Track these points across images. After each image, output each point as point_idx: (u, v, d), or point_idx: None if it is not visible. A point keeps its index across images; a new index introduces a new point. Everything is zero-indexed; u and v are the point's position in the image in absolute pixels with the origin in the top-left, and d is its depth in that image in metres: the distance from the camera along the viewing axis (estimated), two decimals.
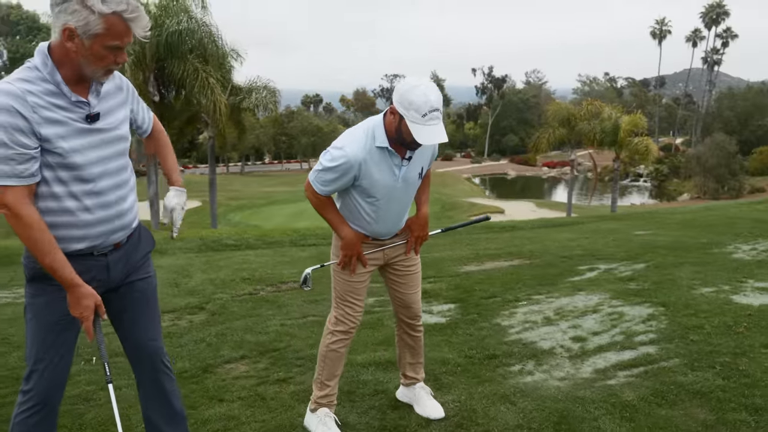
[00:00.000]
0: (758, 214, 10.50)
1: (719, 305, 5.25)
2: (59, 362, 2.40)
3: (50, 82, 2.15)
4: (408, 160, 2.96)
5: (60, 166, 2.18)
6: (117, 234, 2.37)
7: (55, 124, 2.14)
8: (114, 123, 2.32)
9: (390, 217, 3.08)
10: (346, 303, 3.17)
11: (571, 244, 8.02)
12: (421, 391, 3.48)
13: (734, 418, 3.29)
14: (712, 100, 74.78)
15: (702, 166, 50.07)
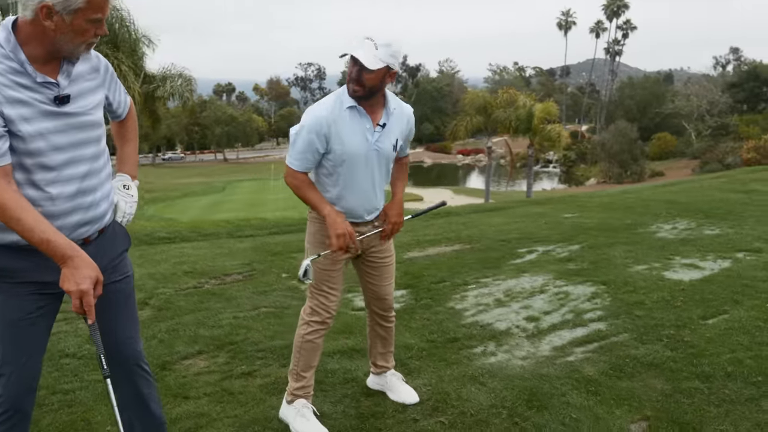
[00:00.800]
0: (670, 196, 11.15)
1: (654, 281, 5.54)
2: (27, 363, 2.21)
3: (13, 60, 1.97)
4: (382, 127, 2.95)
5: (22, 152, 2.00)
6: (84, 227, 2.18)
7: (19, 105, 1.96)
8: (86, 107, 2.14)
9: (363, 190, 3.00)
10: (321, 293, 3.12)
11: (506, 228, 8.23)
12: (393, 378, 3.48)
13: (688, 386, 3.49)
14: (614, 89, 78.58)
15: (606, 152, 52.63)
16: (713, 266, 6.06)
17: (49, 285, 2.15)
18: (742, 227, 7.93)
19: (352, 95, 2.87)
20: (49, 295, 2.19)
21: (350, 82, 2.85)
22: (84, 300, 2.02)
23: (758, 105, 66.35)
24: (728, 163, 43.48)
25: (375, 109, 2.96)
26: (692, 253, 6.60)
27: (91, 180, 2.18)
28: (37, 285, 2.14)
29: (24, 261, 2.11)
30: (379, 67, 2.76)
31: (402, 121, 3.06)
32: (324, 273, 3.09)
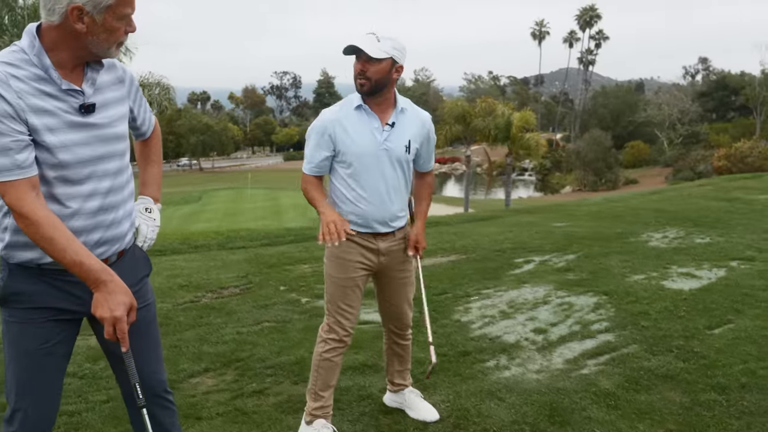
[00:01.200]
0: (657, 204, 11.26)
1: (655, 291, 5.56)
2: (46, 396, 2.09)
3: (38, 66, 1.88)
4: (391, 126, 2.91)
5: (46, 163, 1.90)
6: (104, 247, 2.06)
7: (44, 114, 1.87)
8: (111, 118, 2.04)
9: (378, 194, 2.94)
10: (338, 311, 3.04)
11: (499, 238, 8.22)
12: (411, 395, 3.42)
13: (706, 398, 3.48)
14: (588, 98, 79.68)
15: (581, 160, 53.31)
16: (710, 275, 6.10)
17: (65, 312, 2.06)
18: (731, 235, 8.02)
19: (360, 90, 2.85)
20: (67, 321, 2.08)
21: (356, 78, 2.83)
22: (117, 327, 1.93)
23: (727, 114, 67.91)
24: (700, 171, 44.29)
25: (384, 109, 2.93)
26: (687, 262, 6.65)
27: (114, 196, 2.08)
28: (53, 311, 2.04)
29: (40, 283, 2.01)
30: (383, 57, 2.76)
31: (416, 124, 3.01)
32: (341, 290, 3.02)
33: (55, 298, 2.02)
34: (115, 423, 3.31)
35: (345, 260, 2.98)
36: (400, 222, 3.07)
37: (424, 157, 3.13)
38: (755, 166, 37.45)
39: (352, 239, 2.95)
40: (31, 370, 2.05)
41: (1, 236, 1.99)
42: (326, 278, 3.08)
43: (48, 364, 2.06)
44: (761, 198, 11.64)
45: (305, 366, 4.01)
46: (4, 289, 2.01)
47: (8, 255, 1.99)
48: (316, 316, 5.08)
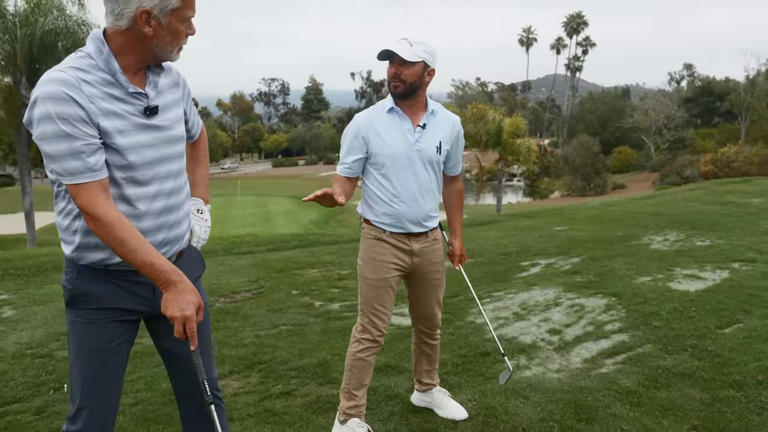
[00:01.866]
0: (653, 208, 11.40)
1: (662, 293, 5.66)
2: (108, 394, 2.13)
3: (105, 71, 1.93)
4: (422, 127, 3.00)
5: (115, 165, 1.96)
6: (166, 247, 2.12)
7: (113, 117, 1.93)
8: (172, 120, 2.11)
9: (411, 194, 3.01)
10: (372, 311, 3.10)
11: (503, 242, 8.30)
12: (439, 394, 3.48)
13: (725, 395, 3.57)
14: (575, 104, 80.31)
15: (570, 165, 53.65)
16: (714, 277, 6.21)
17: (130, 312, 2.11)
18: (730, 238, 8.16)
19: (394, 92, 2.94)
20: (130, 322, 2.14)
21: (391, 82, 2.93)
22: (187, 326, 1.98)
23: (712, 119, 68.72)
24: (687, 176, 44.73)
25: (415, 111, 3.02)
26: (690, 264, 6.76)
27: (175, 197, 2.14)
28: (118, 311, 2.08)
29: (107, 284, 2.06)
30: (416, 60, 2.86)
31: (446, 127, 3.09)
32: (375, 291, 3.08)
33: (122, 298, 2.07)
34: (147, 425, 3.34)
35: (379, 261, 3.05)
36: (432, 222, 3.13)
37: (454, 159, 3.20)
38: (741, 170, 37.91)
39: (385, 239, 3.03)
40: (96, 369, 2.09)
41: (71, 238, 2.03)
42: (360, 279, 3.14)
43: (112, 363, 2.11)
44: (755, 201, 11.82)
45: (329, 368, 4.08)
46: (73, 291, 2.06)
47: (78, 257, 2.03)
48: (332, 319, 5.13)
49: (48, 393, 3.80)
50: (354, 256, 7.76)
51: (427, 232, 3.13)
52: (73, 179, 1.87)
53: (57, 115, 1.83)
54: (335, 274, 6.77)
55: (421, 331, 3.38)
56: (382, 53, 2.89)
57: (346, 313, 5.32)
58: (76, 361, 2.10)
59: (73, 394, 2.12)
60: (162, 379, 3.94)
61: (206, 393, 2.06)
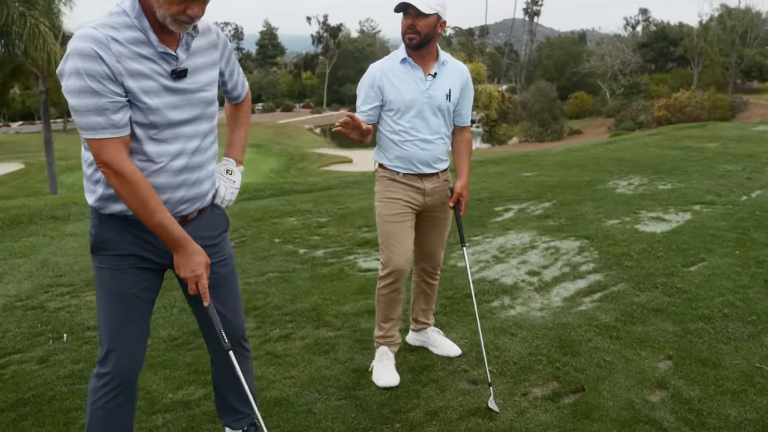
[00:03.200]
0: (616, 154, 11.75)
1: (631, 234, 5.95)
2: (136, 336, 2.24)
3: (137, 28, 1.96)
4: (433, 76, 3.15)
5: (137, 122, 2.02)
6: (185, 204, 2.20)
7: (140, 77, 1.97)
8: (201, 83, 2.15)
9: (423, 137, 3.17)
10: (389, 246, 3.25)
11: (474, 188, 8.47)
12: (434, 333, 3.67)
13: (695, 327, 3.86)
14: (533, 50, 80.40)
15: (528, 111, 54.06)
16: (678, 219, 6.53)
17: (148, 261, 2.19)
18: (690, 182, 8.52)
19: (409, 45, 3.07)
20: (150, 270, 2.23)
21: (406, 33, 3.05)
22: (199, 284, 2.14)
23: (666, 64, 69.79)
24: (641, 121, 45.68)
25: (427, 61, 3.17)
26: (654, 207, 7.08)
27: (199, 157, 2.20)
28: (137, 259, 2.17)
29: (127, 233, 2.15)
30: (431, 12, 2.98)
31: (455, 75, 3.24)
32: (391, 227, 3.24)
33: (140, 247, 2.16)
34: (154, 370, 3.45)
35: (393, 199, 3.23)
36: (443, 164, 3.30)
37: (463, 108, 3.32)
38: (693, 115, 38.89)
39: (399, 180, 3.21)
40: (121, 313, 2.19)
41: (94, 188, 2.11)
42: (378, 218, 3.31)
43: (136, 308, 2.21)
44: (710, 146, 12.27)
45: (321, 312, 4.23)
46: (96, 237, 2.16)
47: (101, 206, 2.11)
48: (318, 266, 5.26)
49: (48, 343, 3.86)
50: (330, 204, 7.87)
51: (438, 173, 3.28)
52: (95, 134, 1.93)
53: (85, 71, 1.88)
54: (314, 222, 6.87)
55: (423, 270, 3.54)
56: (399, 5, 2.99)
57: (330, 259, 5.45)
58: (102, 306, 2.20)
59: (102, 338, 2.23)
60: (160, 326, 4.03)
61: (224, 341, 2.21)
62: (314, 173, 32.07)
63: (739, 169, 9.50)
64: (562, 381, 3.25)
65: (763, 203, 7.11)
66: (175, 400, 3.15)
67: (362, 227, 6.54)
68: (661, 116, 41.92)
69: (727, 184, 8.26)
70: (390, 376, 3.29)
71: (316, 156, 42.38)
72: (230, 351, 2.26)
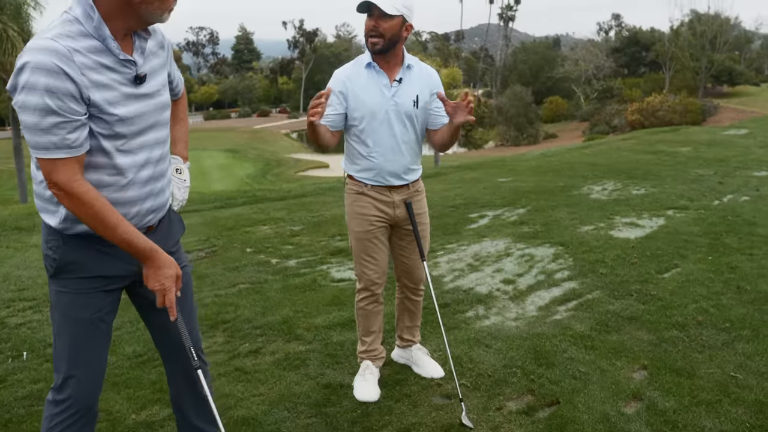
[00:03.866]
0: (590, 158, 11.81)
1: (605, 241, 5.94)
2: (97, 363, 2.14)
3: (95, 37, 1.86)
4: (398, 82, 2.99)
5: (105, 136, 1.92)
6: (152, 215, 2.11)
7: (103, 88, 1.87)
8: (158, 86, 2.06)
9: (389, 147, 3.01)
10: (361, 262, 3.19)
11: (449, 194, 8.45)
12: (419, 353, 3.56)
13: (669, 335, 3.84)
14: (508, 54, 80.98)
15: (504, 115, 54.32)
16: (651, 224, 6.55)
17: (114, 279, 2.10)
18: (663, 186, 8.58)
19: (372, 49, 2.91)
20: (114, 291, 2.13)
21: (369, 37, 2.90)
22: (167, 297, 2.02)
23: (639, 69, 70.66)
24: (615, 125, 46.20)
25: (392, 66, 3.01)
26: (628, 212, 7.10)
27: (162, 164, 2.12)
28: (104, 280, 2.07)
29: (93, 251, 2.03)
30: (395, 13, 2.82)
31: (423, 79, 3.06)
32: (362, 243, 3.16)
33: (108, 264, 2.05)
34: (117, 389, 3.33)
35: (362, 215, 3.11)
36: (413, 175, 3.16)
37: (436, 112, 3.10)
38: (665, 119, 39.40)
39: (366, 193, 3.09)
40: (83, 339, 2.08)
41: (55, 209, 1.99)
42: (349, 233, 3.23)
43: (100, 332, 2.10)
44: (683, 150, 12.40)
45: (293, 325, 4.13)
46: (59, 260, 2.02)
47: (65, 227, 1.99)
48: (290, 276, 5.16)
49: (6, 362, 3.71)
50: (303, 212, 7.77)
51: (408, 184, 3.16)
52: (48, 154, 1.82)
53: (45, 88, 1.76)
54: (287, 231, 6.76)
55: (405, 286, 3.42)
56: (362, 5, 2.84)
57: (303, 269, 5.35)
58: (62, 333, 2.08)
59: (58, 364, 2.11)
60: (125, 342, 3.90)
61: (193, 359, 2.10)
62: (291, 178, 31.87)
63: (711, 174, 9.60)
64: (537, 394, 3.20)
65: (735, 208, 7.17)
66: (138, 421, 3.03)
67: (336, 236, 6.45)
68: (634, 120, 42.39)
69: (699, 189, 8.33)
70: (367, 390, 3.21)
71: (292, 161, 42.11)
72: (199, 370, 2.16)
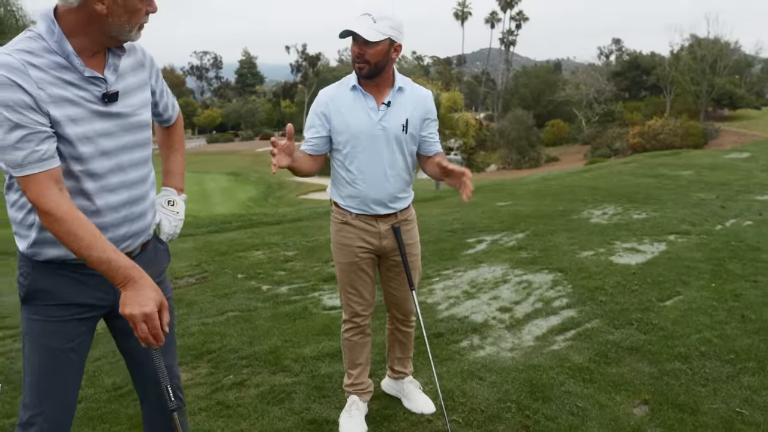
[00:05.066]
0: (590, 182, 11.69)
1: (605, 267, 5.79)
2: (67, 396, 2.00)
3: (58, 53, 1.76)
4: (387, 105, 2.84)
5: (70, 156, 1.80)
6: (129, 241, 1.99)
7: (67, 104, 1.76)
8: (134, 106, 1.95)
9: (375, 174, 2.85)
10: (346, 294, 3.09)
11: (447, 219, 8.33)
12: (410, 386, 3.40)
13: (672, 368, 3.68)
14: (509, 78, 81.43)
15: (505, 138, 54.48)
16: (652, 249, 6.41)
17: (89, 308, 1.97)
18: (664, 210, 8.44)
19: (359, 74, 2.78)
20: (89, 320, 2.01)
21: (355, 62, 2.76)
22: (149, 324, 1.80)
23: (639, 93, 71.02)
24: (616, 148, 46.20)
25: (381, 89, 2.86)
26: (629, 237, 6.95)
27: (140, 188, 2.00)
28: (77, 308, 1.95)
29: (65, 278, 1.92)
30: (380, 39, 2.68)
31: (414, 102, 2.89)
32: (347, 275, 3.04)
33: (81, 293, 1.94)
34: (92, 424, 3.18)
35: (347, 246, 2.97)
36: (401, 203, 2.99)
37: (429, 140, 2.97)
38: (667, 142, 39.41)
39: (350, 223, 2.94)
40: (52, 370, 1.95)
41: (26, 233, 1.89)
42: (335, 263, 3.09)
43: (72, 363, 1.97)
44: (684, 174, 12.28)
45: (280, 355, 3.98)
46: (29, 287, 1.92)
47: (34, 252, 1.89)
48: (281, 304, 5.01)
49: None
50: (298, 236, 7.64)
51: (396, 212, 2.99)
52: (22, 171, 1.71)
53: (0, 103, 1.66)
54: (281, 256, 6.63)
55: (395, 317, 3.28)
56: (344, 33, 2.70)
57: (294, 296, 5.21)
58: (30, 362, 1.96)
59: (27, 398, 1.98)
60: (104, 373, 3.76)
61: (170, 399, 1.95)
62: (292, 201, 31.81)
63: (713, 198, 9.47)
64: (532, 431, 3.04)
65: (738, 233, 7.03)
66: None
67: (329, 261, 6.30)
68: (636, 143, 42.39)
69: (701, 213, 8.19)
70: (353, 428, 3.06)
71: (294, 184, 42.07)
72: (175, 412, 2.01)
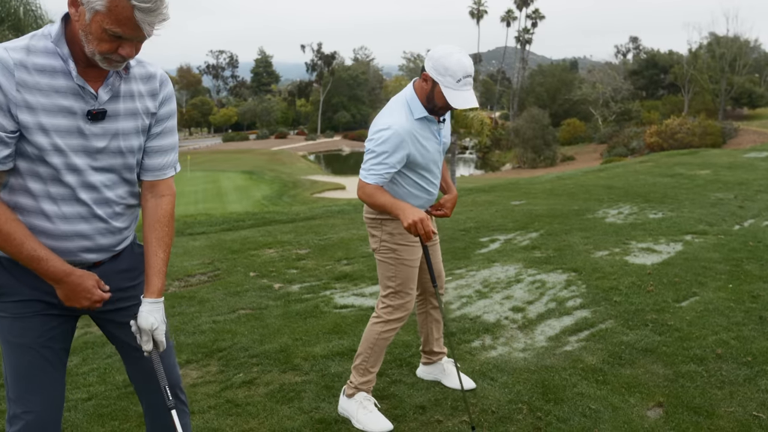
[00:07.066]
0: (606, 181, 11.57)
1: (620, 267, 5.72)
2: (50, 388, 1.98)
3: (60, 56, 1.75)
4: (442, 122, 3.06)
5: (38, 159, 1.79)
6: (92, 254, 1.96)
7: (42, 113, 1.74)
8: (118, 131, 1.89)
9: (436, 184, 3.14)
10: (409, 291, 3.14)
11: (461, 218, 8.28)
12: (449, 365, 3.53)
13: (687, 370, 3.61)
14: (525, 77, 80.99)
15: (521, 137, 54.22)
16: (668, 249, 6.32)
17: (53, 306, 1.96)
18: (681, 210, 8.33)
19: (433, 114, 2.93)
20: (57, 317, 1.98)
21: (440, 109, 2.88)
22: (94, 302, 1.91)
23: (657, 91, 70.33)
24: (633, 147, 45.82)
25: None
26: (645, 237, 6.86)
27: (106, 208, 1.94)
28: (40, 304, 1.94)
29: (24, 275, 1.90)
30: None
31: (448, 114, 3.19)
32: (413, 272, 3.12)
33: (42, 291, 1.92)
34: (102, 421, 3.18)
35: (414, 243, 3.08)
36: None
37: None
38: (684, 142, 39.06)
39: None
40: (27, 366, 1.94)
41: None
42: (395, 263, 3.09)
43: (44, 359, 1.96)
44: (702, 173, 12.12)
45: (290, 354, 3.96)
46: None
47: None
48: (292, 302, 5.00)
49: None
50: (311, 235, 7.63)
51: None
52: None
53: None
54: (293, 254, 6.62)
55: (431, 294, 3.41)
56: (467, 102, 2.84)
57: (306, 295, 5.19)
58: (8, 359, 1.96)
59: (9, 393, 1.98)
60: (115, 370, 3.76)
61: (168, 398, 1.93)
62: (307, 200, 31.87)
63: (731, 197, 9.33)
64: None
65: (756, 233, 6.91)
66: None
67: (342, 260, 6.29)
68: (653, 142, 42.06)
69: (719, 213, 8.08)
70: (382, 421, 3.09)
71: (309, 183, 42.21)
72: (173, 410, 2.00)
